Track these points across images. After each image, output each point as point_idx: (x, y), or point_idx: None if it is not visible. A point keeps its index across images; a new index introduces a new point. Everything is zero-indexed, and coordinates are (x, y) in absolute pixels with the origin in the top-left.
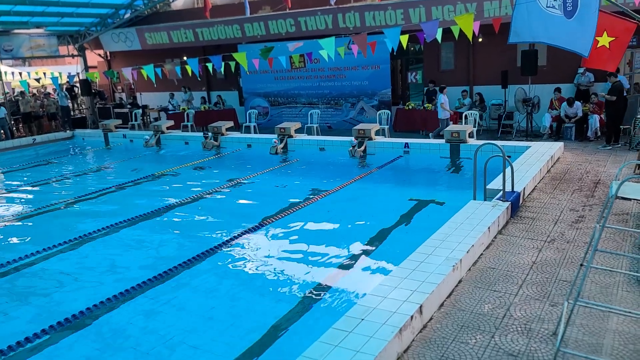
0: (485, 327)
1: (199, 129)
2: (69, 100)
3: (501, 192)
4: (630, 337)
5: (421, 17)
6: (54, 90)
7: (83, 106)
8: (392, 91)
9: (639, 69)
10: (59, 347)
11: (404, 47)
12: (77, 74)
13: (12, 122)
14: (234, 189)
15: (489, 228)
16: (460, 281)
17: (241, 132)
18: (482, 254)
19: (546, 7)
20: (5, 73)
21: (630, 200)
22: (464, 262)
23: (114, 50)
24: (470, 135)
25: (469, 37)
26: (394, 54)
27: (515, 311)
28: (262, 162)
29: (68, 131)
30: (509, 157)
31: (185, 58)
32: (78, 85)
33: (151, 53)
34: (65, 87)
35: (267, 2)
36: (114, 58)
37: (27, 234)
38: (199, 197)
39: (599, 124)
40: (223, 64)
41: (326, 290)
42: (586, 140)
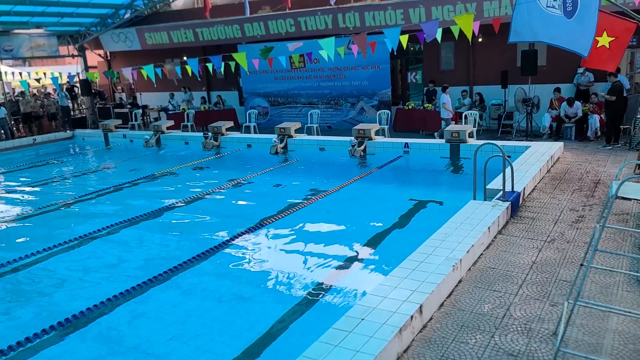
0: (485, 327)
1: (199, 129)
2: (69, 101)
3: (501, 192)
4: (630, 337)
5: (421, 17)
6: (54, 91)
7: (83, 106)
8: (392, 91)
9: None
10: (59, 347)
11: (404, 47)
12: (77, 74)
13: (13, 122)
14: (234, 189)
15: (489, 228)
16: (460, 281)
17: (241, 132)
18: (482, 254)
19: (546, 7)
20: (6, 73)
21: (630, 200)
22: (464, 262)
23: (114, 50)
24: (470, 135)
25: (469, 37)
26: (393, 54)
27: (515, 311)
28: (262, 162)
29: (68, 131)
30: (508, 157)
31: (185, 58)
32: (78, 85)
33: (151, 53)
34: (65, 87)
35: (267, 2)
36: (114, 58)
37: (27, 234)
38: (199, 197)
39: (599, 124)
40: (223, 64)
41: (326, 290)
42: (586, 140)
